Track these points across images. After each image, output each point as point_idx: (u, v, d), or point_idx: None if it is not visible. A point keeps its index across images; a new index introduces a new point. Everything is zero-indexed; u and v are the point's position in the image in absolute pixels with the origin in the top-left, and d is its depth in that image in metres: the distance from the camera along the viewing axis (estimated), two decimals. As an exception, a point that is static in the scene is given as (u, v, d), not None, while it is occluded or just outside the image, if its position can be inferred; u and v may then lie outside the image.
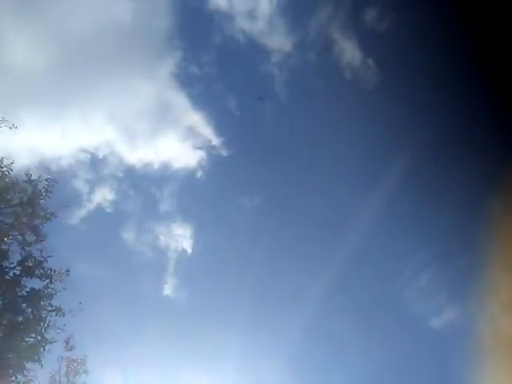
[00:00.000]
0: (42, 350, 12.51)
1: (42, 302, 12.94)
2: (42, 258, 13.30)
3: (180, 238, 26.31)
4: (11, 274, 12.72)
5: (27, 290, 12.96)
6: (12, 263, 12.85)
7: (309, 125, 26.22)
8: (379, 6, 25.29)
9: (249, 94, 26.82)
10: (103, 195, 25.94)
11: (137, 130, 26.76)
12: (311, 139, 26.17)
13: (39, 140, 25.29)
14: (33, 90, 25.07)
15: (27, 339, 12.48)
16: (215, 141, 26.55)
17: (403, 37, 24.90)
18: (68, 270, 13.58)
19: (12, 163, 13.74)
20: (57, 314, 13.03)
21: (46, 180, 13.83)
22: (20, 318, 12.44)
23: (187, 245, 26.32)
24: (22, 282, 12.89)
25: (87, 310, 21.41)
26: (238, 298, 24.97)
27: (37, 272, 13.10)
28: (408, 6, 24.75)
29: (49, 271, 13.32)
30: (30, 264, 13.04)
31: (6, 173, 13.77)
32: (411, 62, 24.65)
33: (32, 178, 13.86)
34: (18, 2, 24.81)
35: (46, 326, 12.86)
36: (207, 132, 26.62)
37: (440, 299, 24.07)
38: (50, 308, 13.02)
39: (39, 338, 12.63)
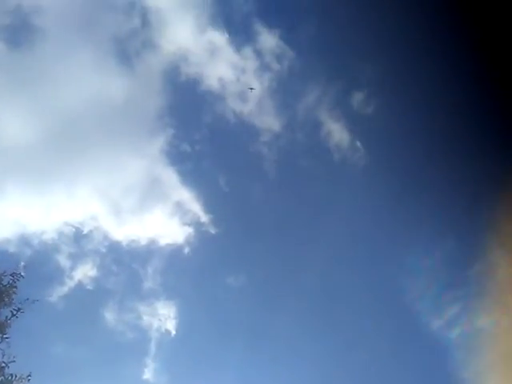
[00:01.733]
0: None
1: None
2: (4, 364, 12.35)
3: (163, 317, 25.30)
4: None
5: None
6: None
7: (297, 204, 26.18)
8: (366, 89, 26.04)
9: (238, 172, 27.03)
10: (85, 272, 25.21)
11: (124, 205, 26.56)
12: (299, 219, 25.99)
13: (23, 212, 25.02)
14: (20, 161, 25.12)
15: None
16: (204, 218, 26.31)
17: (390, 120, 25.43)
18: (29, 375, 12.60)
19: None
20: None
21: (11, 275, 13.10)
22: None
23: (171, 325, 25.26)
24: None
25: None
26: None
27: (-4, 379, 12.16)
28: (394, 89, 25.48)
29: (10, 377, 12.34)
30: (-9, 371, 12.12)
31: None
32: (399, 145, 24.95)
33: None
34: (13, 75, 25.45)
35: None
36: (196, 208, 26.45)
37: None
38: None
39: None
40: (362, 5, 25.19)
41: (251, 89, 26.24)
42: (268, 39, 26.68)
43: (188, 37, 26.83)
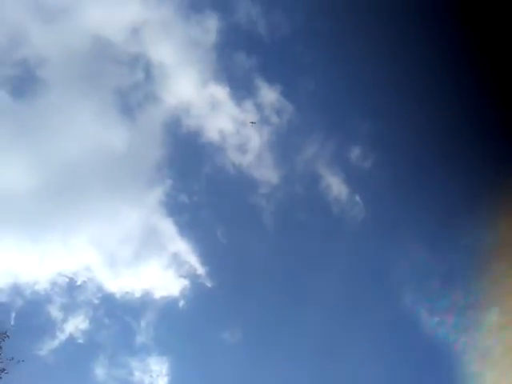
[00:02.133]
0: None
1: None
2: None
3: (155, 374, 24.37)
4: None
5: None
6: None
7: (295, 257, 25.81)
8: (364, 143, 26.40)
9: (236, 223, 26.85)
10: (76, 324, 24.46)
11: (120, 256, 26.13)
12: (297, 272, 25.54)
13: (16, 261, 24.59)
14: (16, 209, 24.91)
15: None
16: (200, 270, 25.86)
17: (389, 173, 25.59)
18: None
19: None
20: None
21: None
22: None
23: (162, 382, 24.31)
24: None
25: None
26: None
27: None
28: (392, 143, 25.78)
29: None
30: None
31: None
32: (397, 199, 24.96)
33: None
34: (15, 125, 25.77)
35: None
36: (192, 260, 26.05)
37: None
38: None
39: None
40: (360, 61, 25.96)
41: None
42: (268, 93, 27.34)
43: (190, 90, 27.48)
